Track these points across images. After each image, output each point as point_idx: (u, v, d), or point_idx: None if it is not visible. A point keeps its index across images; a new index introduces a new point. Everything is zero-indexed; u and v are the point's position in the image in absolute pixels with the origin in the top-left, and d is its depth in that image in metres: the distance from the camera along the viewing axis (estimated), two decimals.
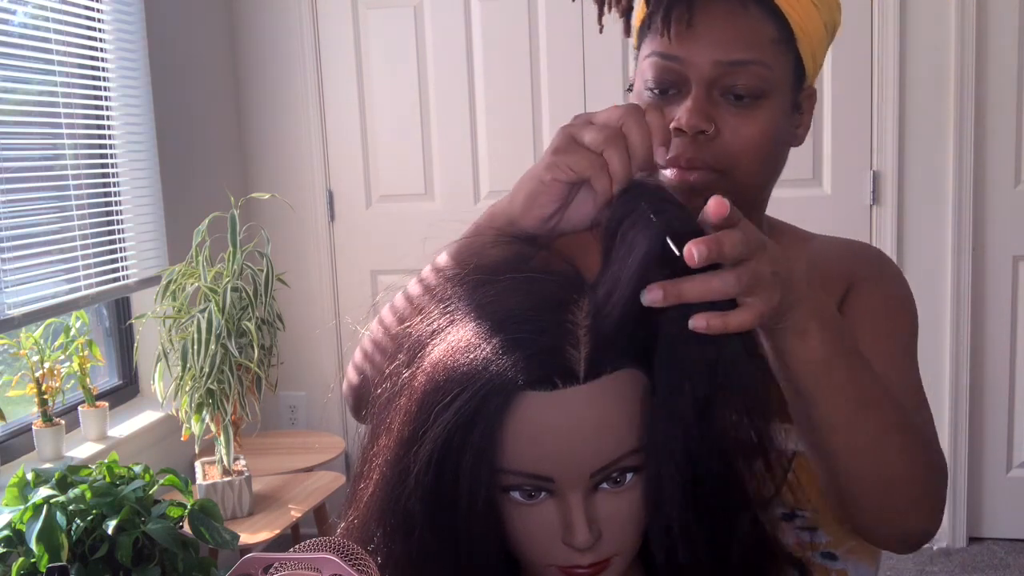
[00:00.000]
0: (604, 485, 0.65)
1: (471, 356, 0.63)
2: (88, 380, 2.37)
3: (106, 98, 2.50)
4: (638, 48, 0.96)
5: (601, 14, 1.00)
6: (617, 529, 0.65)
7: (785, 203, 1.04)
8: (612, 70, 2.96)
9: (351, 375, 0.99)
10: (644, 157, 0.74)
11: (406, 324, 0.73)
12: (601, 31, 1.02)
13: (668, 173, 0.89)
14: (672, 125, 0.87)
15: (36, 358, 2.20)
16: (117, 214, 2.54)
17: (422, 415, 0.64)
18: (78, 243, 2.37)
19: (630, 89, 0.97)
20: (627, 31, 0.98)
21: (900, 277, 0.99)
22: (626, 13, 0.97)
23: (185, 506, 1.90)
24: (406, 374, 0.67)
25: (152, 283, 2.54)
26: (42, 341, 2.22)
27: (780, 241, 0.98)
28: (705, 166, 0.88)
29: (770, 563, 0.73)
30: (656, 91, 0.91)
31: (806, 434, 0.77)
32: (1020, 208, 2.86)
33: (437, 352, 0.65)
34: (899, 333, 0.96)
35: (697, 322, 0.64)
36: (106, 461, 1.90)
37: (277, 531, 2.25)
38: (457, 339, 0.65)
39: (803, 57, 0.92)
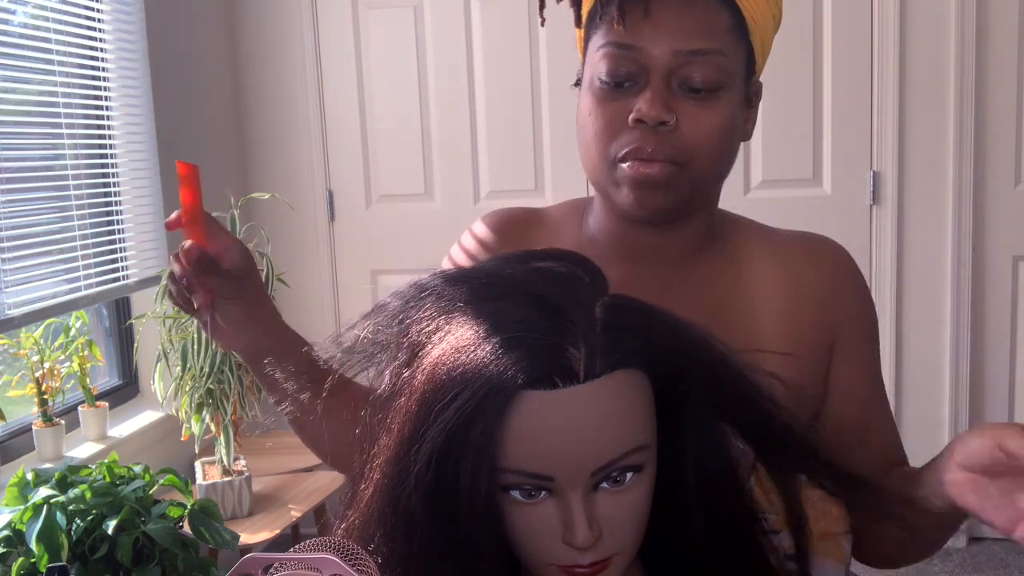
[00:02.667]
0: (604, 484, 0.65)
1: (471, 355, 0.63)
2: (88, 380, 2.37)
3: (106, 98, 2.50)
4: (585, 40, 0.94)
5: (542, 6, 0.98)
6: (617, 528, 0.65)
7: (785, 203, 1.04)
8: None
9: None
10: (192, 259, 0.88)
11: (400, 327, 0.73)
12: (543, 23, 1.00)
13: (626, 167, 0.87)
14: (632, 116, 0.86)
15: (36, 358, 2.19)
16: (117, 214, 2.53)
17: (422, 414, 0.64)
18: (78, 243, 2.37)
19: (577, 84, 0.95)
20: (577, 22, 0.96)
21: (864, 287, 1.00)
22: (576, 3, 0.95)
23: (185, 506, 1.89)
24: (406, 374, 0.67)
25: (152, 283, 2.54)
26: (42, 341, 2.22)
27: (740, 235, 0.99)
28: (666, 158, 0.86)
29: (766, 564, 0.73)
30: (610, 84, 0.88)
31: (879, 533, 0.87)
32: (1020, 208, 2.86)
33: (437, 351, 0.65)
34: (875, 353, 0.99)
35: None
36: (106, 461, 1.90)
37: (277, 531, 2.25)
38: (457, 338, 0.65)
39: (754, 48, 0.91)
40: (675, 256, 0.96)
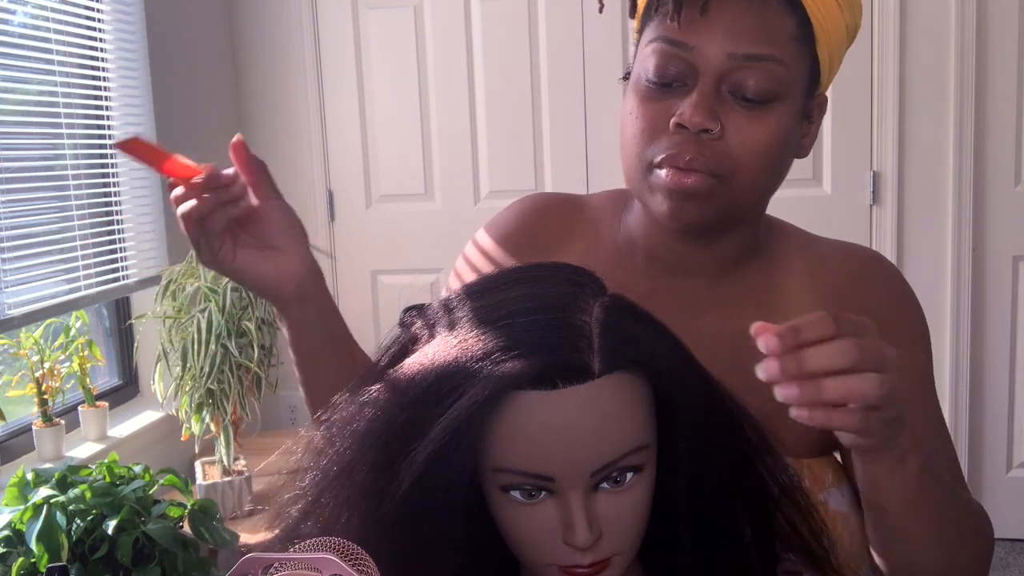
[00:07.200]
0: (604, 485, 0.65)
1: (471, 354, 0.63)
2: (88, 380, 2.36)
3: (106, 98, 2.50)
4: (640, 32, 0.87)
5: None
6: (617, 529, 0.65)
7: (785, 203, 1.02)
8: (612, 70, 2.96)
9: None
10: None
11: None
12: (601, 10, 0.94)
13: (663, 173, 0.81)
14: (674, 120, 0.80)
15: (36, 358, 2.19)
16: (117, 214, 2.53)
17: (420, 412, 0.64)
18: (78, 243, 2.37)
19: (626, 78, 0.88)
20: (632, 12, 0.89)
21: (913, 299, 0.93)
22: None
23: (185, 506, 1.89)
24: (405, 370, 0.67)
25: (152, 283, 2.54)
26: (42, 341, 2.22)
27: (780, 247, 0.94)
28: (705, 169, 0.80)
29: (768, 564, 0.73)
30: (657, 83, 0.82)
31: (877, 536, 0.75)
32: (1020, 208, 2.86)
33: (437, 349, 0.65)
34: (920, 370, 0.89)
35: (800, 412, 0.61)
36: (106, 461, 1.90)
37: (277, 531, 2.24)
38: (458, 338, 0.65)
39: (820, 60, 0.84)
40: (712, 270, 0.90)
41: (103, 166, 2.51)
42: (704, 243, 0.89)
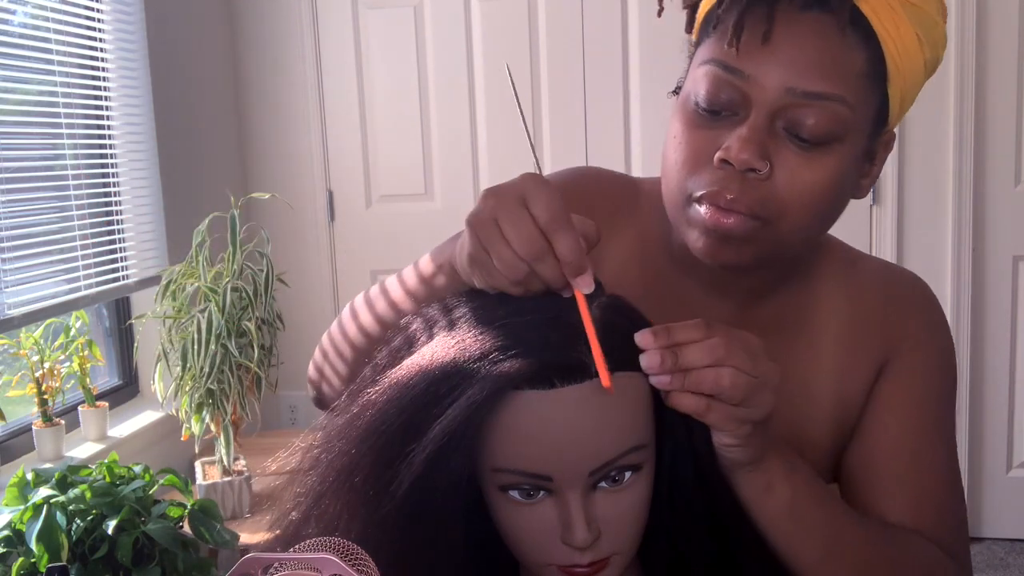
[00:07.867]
0: (603, 484, 0.65)
1: (470, 354, 0.63)
2: (88, 380, 2.36)
3: (106, 98, 2.50)
4: (696, 46, 0.80)
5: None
6: (616, 528, 0.65)
7: None
8: (612, 70, 2.96)
9: (311, 372, 0.96)
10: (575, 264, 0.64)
11: (400, 322, 0.73)
12: (660, 14, 0.86)
13: (702, 209, 0.74)
14: (718, 155, 0.73)
15: (36, 358, 2.19)
16: (117, 214, 2.53)
17: (418, 410, 0.64)
18: (78, 243, 2.37)
19: (676, 92, 0.82)
20: (689, 26, 0.82)
21: (944, 329, 0.90)
22: (691, 5, 0.81)
23: (185, 506, 1.89)
24: (403, 370, 0.67)
25: (152, 283, 2.54)
26: (42, 341, 2.22)
27: (819, 268, 0.88)
28: (747, 211, 0.73)
29: (766, 562, 0.73)
30: (705, 110, 0.75)
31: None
32: (1020, 208, 2.86)
33: (436, 349, 0.65)
34: (934, 404, 0.86)
35: (666, 397, 0.65)
36: (106, 461, 1.90)
37: (277, 531, 2.24)
38: (457, 338, 0.65)
39: (891, 99, 0.77)
40: (745, 295, 0.85)
41: (103, 166, 2.51)
42: (741, 273, 0.83)
